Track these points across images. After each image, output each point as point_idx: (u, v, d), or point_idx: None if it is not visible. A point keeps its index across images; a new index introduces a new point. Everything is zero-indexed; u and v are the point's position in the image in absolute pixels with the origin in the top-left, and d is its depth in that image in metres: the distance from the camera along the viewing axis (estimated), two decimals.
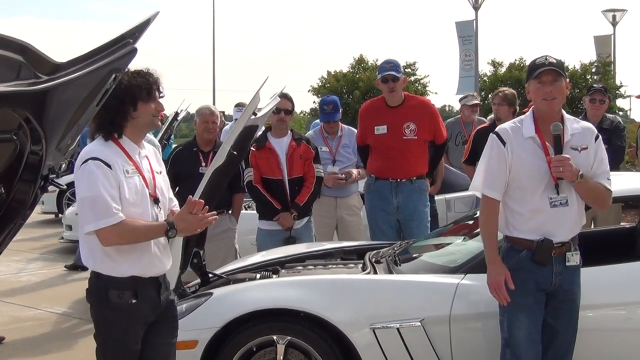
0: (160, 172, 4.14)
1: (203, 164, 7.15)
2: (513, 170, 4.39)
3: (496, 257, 4.42)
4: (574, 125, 4.49)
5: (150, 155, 4.10)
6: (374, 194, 7.34)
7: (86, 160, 3.79)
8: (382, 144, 7.29)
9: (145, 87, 3.90)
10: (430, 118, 7.33)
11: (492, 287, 4.40)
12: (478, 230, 5.63)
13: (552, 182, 4.36)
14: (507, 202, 4.46)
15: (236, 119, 13.75)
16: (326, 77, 45.21)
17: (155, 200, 3.99)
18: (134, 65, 3.84)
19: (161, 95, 4.01)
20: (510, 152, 4.38)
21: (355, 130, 8.10)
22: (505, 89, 8.66)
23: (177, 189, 6.97)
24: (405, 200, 7.21)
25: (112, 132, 3.91)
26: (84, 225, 3.78)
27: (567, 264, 4.43)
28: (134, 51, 3.20)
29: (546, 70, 4.38)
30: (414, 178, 7.24)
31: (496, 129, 4.53)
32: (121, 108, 3.86)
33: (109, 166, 3.77)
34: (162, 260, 4.02)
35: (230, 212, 7.31)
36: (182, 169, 7.06)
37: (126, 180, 3.84)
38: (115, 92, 3.75)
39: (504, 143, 4.40)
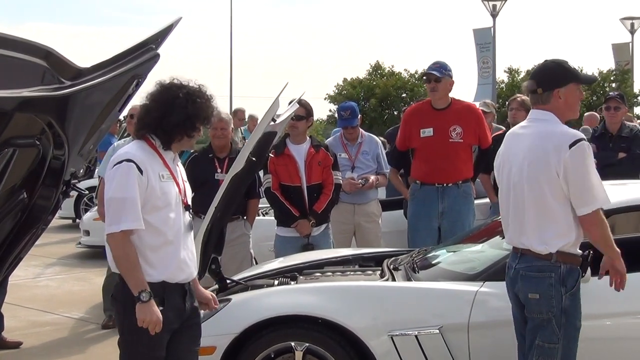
0: (185, 180, 4.20)
1: (219, 170, 7.14)
2: None
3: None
4: None
5: (179, 163, 4.17)
6: (418, 200, 7.34)
7: (121, 162, 3.78)
8: (428, 147, 7.27)
9: (210, 113, 4.00)
10: (476, 122, 7.37)
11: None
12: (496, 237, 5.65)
13: None
14: (575, 215, 4.17)
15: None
16: (342, 84, 45.20)
17: (187, 207, 4.03)
18: (160, 72, 3.88)
19: None
20: None
21: (375, 137, 8.10)
22: (522, 95, 8.61)
23: (192, 195, 6.97)
24: (450, 204, 7.21)
25: (161, 140, 3.95)
26: (108, 225, 3.77)
27: None
28: (156, 57, 3.23)
29: None
30: (460, 182, 7.26)
31: (584, 139, 4.09)
32: (190, 126, 3.92)
33: (141, 171, 3.79)
34: (190, 265, 4.06)
35: (245, 217, 7.29)
36: (198, 175, 7.02)
37: (160, 185, 3.88)
38: (196, 111, 3.86)
39: None
